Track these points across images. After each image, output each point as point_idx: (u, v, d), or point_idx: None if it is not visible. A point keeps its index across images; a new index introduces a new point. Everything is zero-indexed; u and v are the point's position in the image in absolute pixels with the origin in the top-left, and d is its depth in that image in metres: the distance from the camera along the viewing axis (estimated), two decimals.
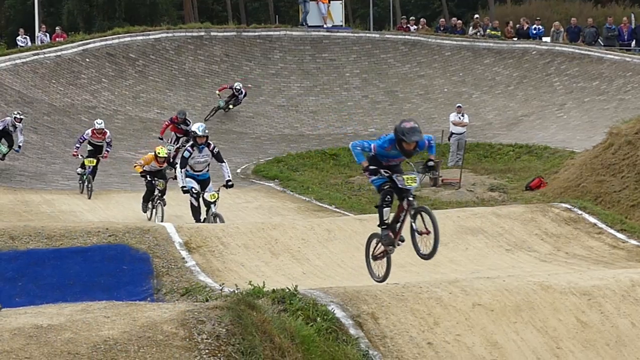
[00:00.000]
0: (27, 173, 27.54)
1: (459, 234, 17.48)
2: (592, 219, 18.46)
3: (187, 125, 28.81)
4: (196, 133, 18.86)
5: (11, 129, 27.83)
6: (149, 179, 22.56)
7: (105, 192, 26.03)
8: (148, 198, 22.77)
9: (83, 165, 26.05)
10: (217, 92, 35.60)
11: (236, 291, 11.39)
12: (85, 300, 11.56)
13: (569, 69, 37.68)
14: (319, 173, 29.66)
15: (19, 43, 39.19)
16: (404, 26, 42.34)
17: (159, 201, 22.40)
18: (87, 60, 36.47)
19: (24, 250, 14.90)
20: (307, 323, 10.89)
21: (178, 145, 28.67)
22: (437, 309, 11.90)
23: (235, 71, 38.20)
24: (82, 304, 10.53)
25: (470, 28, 41.54)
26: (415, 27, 42.17)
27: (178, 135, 29.72)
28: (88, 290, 14.03)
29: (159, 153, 22.54)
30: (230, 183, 19.38)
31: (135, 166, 23.27)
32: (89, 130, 26.60)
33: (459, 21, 42.59)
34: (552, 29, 40.33)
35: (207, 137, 18.97)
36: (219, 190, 19.93)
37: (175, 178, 26.32)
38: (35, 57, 35.40)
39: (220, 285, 13.45)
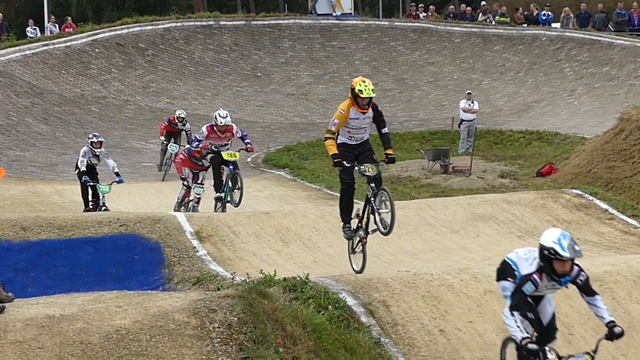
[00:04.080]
0: (38, 164, 27.58)
1: (469, 221, 17.47)
2: (603, 205, 18.43)
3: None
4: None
5: (94, 161, 21.32)
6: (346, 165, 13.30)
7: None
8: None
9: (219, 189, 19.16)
10: (161, 137, 28.02)
11: (247, 280, 11.41)
12: (96, 290, 11.60)
13: (579, 55, 37.57)
14: (330, 161, 29.58)
15: (28, 34, 39.22)
16: (413, 13, 42.25)
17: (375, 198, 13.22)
18: (97, 50, 36.49)
19: (36, 241, 14.94)
20: (319, 311, 10.91)
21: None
22: (449, 296, 11.91)
23: (245, 60, 38.19)
24: (93, 294, 10.56)
25: (480, 14, 41.44)
26: (425, 14, 42.07)
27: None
28: (99, 280, 14.07)
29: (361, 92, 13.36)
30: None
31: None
32: (205, 129, 18.81)
33: (468, 8, 42.47)
34: (562, 14, 40.21)
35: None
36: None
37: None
38: (45, 47, 35.44)
39: (232, 274, 13.46)
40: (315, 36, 39.58)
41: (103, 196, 21.03)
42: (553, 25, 40.29)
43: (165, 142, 27.41)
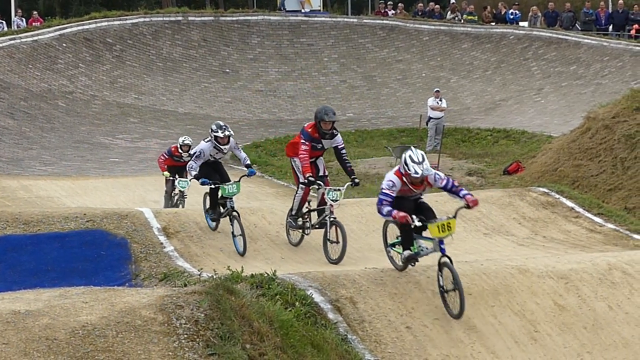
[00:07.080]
0: (4, 159, 27.38)
1: None
2: (569, 203, 18.52)
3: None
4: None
5: (218, 156, 16.27)
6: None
7: (83, 177, 25.93)
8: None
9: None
10: (164, 173, 22.24)
11: (215, 276, 11.39)
12: (63, 285, 11.54)
13: (546, 54, 37.78)
14: None
15: None
16: (382, 11, 42.32)
17: None
18: (64, 45, 36.27)
19: (1, 236, 14.83)
20: (286, 307, 10.91)
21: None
22: (416, 293, 11.94)
23: (213, 56, 38.09)
24: (60, 290, 10.50)
25: (448, 13, 41.58)
26: (393, 11, 42.16)
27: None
28: (66, 276, 13.99)
29: None
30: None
31: None
32: (395, 178, 12.30)
33: (437, 6, 42.59)
34: (530, 13, 40.42)
35: None
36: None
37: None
38: (12, 42, 35.18)
39: (199, 271, 13.43)
40: (284, 33, 39.55)
41: (231, 199, 15.73)
42: (521, 23, 40.49)
43: (170, 177, 21.90)
